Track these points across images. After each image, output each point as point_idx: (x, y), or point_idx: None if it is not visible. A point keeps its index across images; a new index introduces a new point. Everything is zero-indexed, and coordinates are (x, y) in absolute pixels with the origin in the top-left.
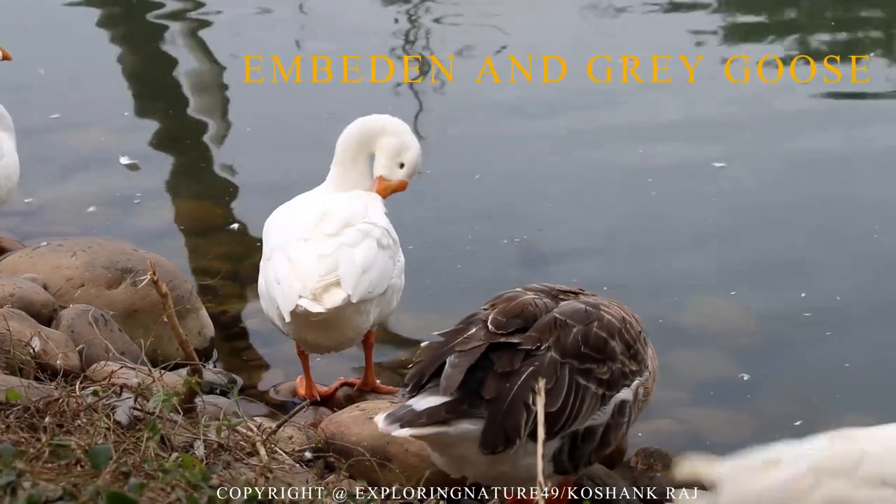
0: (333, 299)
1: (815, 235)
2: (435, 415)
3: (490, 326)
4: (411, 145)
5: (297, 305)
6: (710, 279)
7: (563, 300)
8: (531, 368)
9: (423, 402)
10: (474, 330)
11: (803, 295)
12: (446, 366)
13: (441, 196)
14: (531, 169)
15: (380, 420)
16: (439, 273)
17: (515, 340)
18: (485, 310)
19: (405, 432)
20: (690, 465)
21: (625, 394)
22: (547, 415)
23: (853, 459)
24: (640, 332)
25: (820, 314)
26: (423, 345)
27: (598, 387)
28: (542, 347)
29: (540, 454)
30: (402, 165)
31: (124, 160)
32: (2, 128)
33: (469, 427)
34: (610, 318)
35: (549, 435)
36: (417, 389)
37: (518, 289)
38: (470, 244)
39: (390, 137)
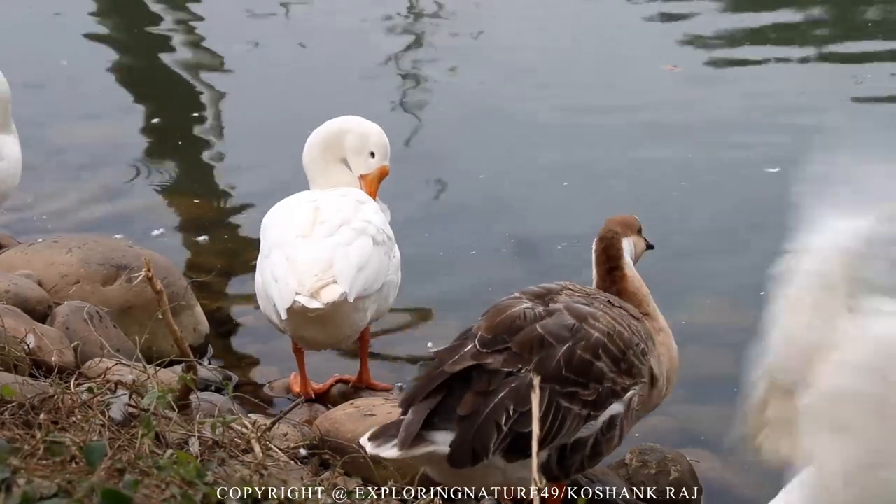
0: (330, 295)
1: None
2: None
3: (477, 344)
4: (371, 131)
5: (294, 302)
6: (727, 278)
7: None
8: (508, 389)
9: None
10: (468, 347)
11: None
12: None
13: (441, 194)
14: (534, 168)
15: (366, 442)
16: (437, 271)
17: (491, 361)
18: (479, 323)
19: (393, 453)
20: None
21: (615, 408)
22: (523, 434)
23: None
24: (631, 341)
25: None
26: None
27: (582, 408)
28: (523, 370)
29: (535, 453)
30: (372, 154)
31: (121, 157)
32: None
33: (439, 446)
34: (597, 334)
35: (524, 454)
36: (408, 408)
37: (516, 293)
38: (470, 242)
39: (349, 136)
